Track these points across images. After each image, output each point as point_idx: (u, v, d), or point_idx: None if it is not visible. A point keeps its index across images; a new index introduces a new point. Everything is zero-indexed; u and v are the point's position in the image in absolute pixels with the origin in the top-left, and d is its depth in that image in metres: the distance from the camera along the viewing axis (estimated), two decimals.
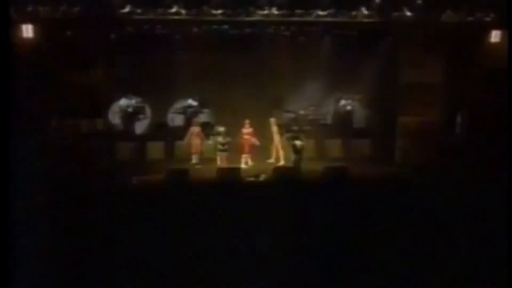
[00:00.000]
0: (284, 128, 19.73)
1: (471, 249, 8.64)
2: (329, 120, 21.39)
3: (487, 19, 18.10)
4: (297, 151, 18.23)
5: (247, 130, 18.96)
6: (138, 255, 8.50)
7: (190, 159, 18.99)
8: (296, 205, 11.31)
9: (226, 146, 18.45)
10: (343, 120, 21.12)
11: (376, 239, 9.14)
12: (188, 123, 20.15)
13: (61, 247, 8.53)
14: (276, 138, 19.15)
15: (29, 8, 15.93)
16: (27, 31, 15.92)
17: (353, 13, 18.74)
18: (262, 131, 18.25)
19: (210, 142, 19.33)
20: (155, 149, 19.71)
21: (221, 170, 16.82)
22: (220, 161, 18.44)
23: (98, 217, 10.31)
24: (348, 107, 21.16)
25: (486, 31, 18.23)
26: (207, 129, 19.95)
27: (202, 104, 20.58)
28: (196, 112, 20.49)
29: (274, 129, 19.12)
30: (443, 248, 8.80)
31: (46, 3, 16.66)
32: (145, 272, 7.94)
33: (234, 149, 18.89)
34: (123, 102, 20.34)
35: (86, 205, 11.21)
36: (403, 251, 8.68)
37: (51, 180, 12.93)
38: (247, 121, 19.01)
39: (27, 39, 15.89)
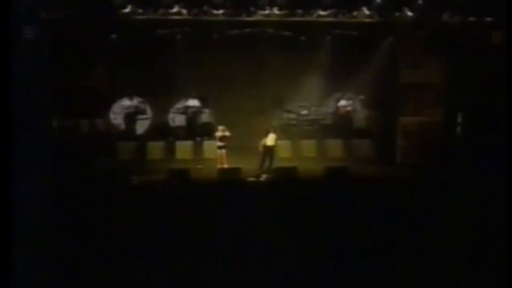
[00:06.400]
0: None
1: (471, 249, 8.65)
2: (329, 120, 21.40)
3: (487, 19, 18.12)
4: (267, 152, 17.63)
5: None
6: (139, 255, 8.52)
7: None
8: (296, 205, 11.35)
9: (224, 143, 17.81)
10: (343, 120, 21.13)
11: (376, 239, 9.16)
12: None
13: (61, 246, 8.56)
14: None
15: (30, 9, 15.96)
16: (28, 31, 15.93)
17: (354, 13, 18.79)
18: (262, 131, 18.13)
19: None
20: (156, 149, 19.67)
21: (222, 170, 16.82)
22: (220, 160, 17.77)
23: (99, 216, 10.34)
24: (348, 108, 21.17)
25: (486, 32, 18.22)
26: (208, 129, 19.97)
27: (203, 104, 20.58)
28: (197, 112, 20.50)
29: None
30: (443, 247, 8.81)
31: (47, 3, 16.71)
32: (145, 271, 7.95)
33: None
34: (124, 102, 20.38)
35: (86, 204, 11.24)
36: (403, 251, 8.69)
37: (52, 180, 12.95)
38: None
39: (28, 39, 15.90)
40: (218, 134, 17.79)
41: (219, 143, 17.73)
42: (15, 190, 6.85)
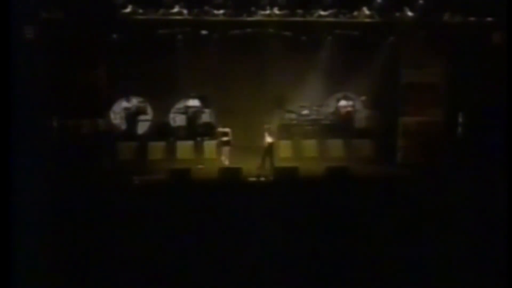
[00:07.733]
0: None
1: (471, 249, 8.66)
2: (330, 120, 21.39)
3: (488, 19, 18.12)
4: (265, 152, 17.61)
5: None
6: (139, 255, 8.53)
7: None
8: (297, 205, 11.37)
9: (229, 138, 17.97)
10: (344, 121, 21.12)
11: (376, 239, 9.17)
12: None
13: (62, 246, 8.57)
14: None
15: (30, 9, 15.96)
16: (28, 31, 15.93)
17: (355, 13, 18.79)
18: (262, 131, 18.12)
19: None
20: (157, 149, 19.65)
21: (222, 170, 16.82)
22: (224, 157, 17.97)
23: (100, 216, 10.35)
24: (349, 108, 21.17)
25: (487, 32, 18.22)
26: (208, 129, 19.96)
27: (204, 104, 20.58)
28: (197, 112, 20.49)
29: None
30: (443, 247, 8.82)
31: (47, 3, 16.70)
32: (146, 272, 7.95)
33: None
34: (125, 102, 20.38)
35: (87, 205, 11.25)
36: (403, 251, 8.69)
37: (52, 180, 12.97)
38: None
39: (29, 39, 15.90)
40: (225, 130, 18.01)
41: (224, 138, 17.84)
42: (15, 190, 6.86)
